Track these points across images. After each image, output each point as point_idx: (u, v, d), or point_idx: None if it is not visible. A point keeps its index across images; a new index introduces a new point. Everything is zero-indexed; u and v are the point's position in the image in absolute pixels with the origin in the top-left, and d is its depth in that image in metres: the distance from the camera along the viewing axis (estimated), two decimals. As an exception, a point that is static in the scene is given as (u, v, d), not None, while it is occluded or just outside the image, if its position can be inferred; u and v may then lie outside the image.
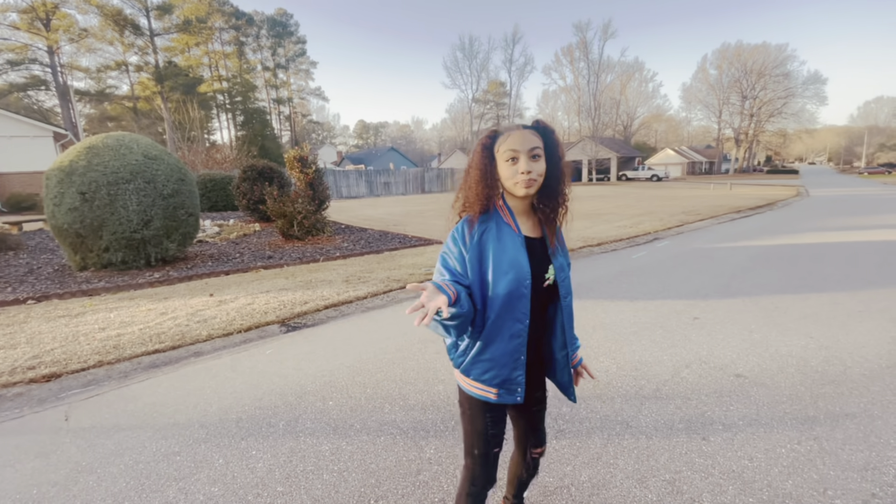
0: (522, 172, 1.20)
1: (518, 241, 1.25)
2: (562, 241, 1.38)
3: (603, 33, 51.58)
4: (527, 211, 1.34)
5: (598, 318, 4.18)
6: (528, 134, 1.23)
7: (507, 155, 1.22)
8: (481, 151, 1.27)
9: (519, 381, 1.29)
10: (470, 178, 1.30)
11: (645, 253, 7.58)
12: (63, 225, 6.17)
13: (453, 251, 1.29)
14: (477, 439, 1.38)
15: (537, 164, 1.22)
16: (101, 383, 3.32)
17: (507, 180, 1.25)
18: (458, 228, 1.30)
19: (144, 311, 4.76)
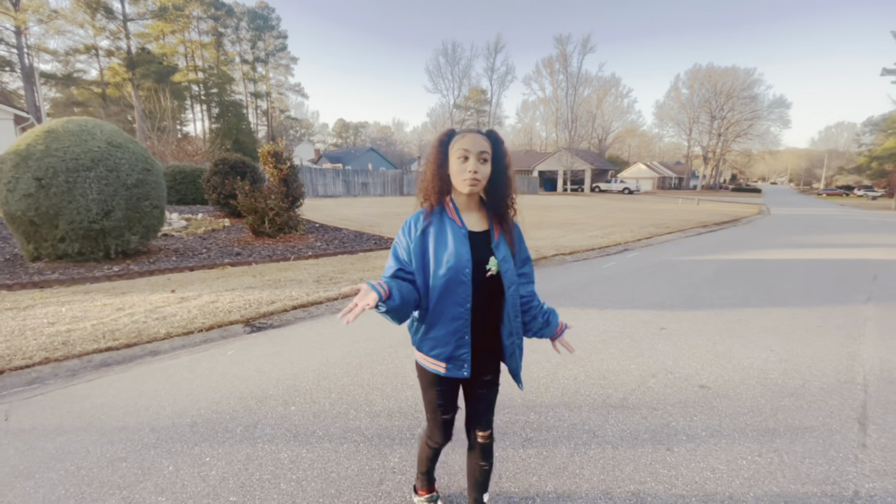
0: (469, 171, 1.35)
1: (461, 233, 1.40)
2: (516, 236, 1.53)
3: (582, 47, 52.84)
4: (472, 208, 1.47)
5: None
6: (479, 138, 1.38)
7: (459, 153, 1.36)
8: (438, 147, 1.42)
9: (464, 357, 1.44)
10: (427, 172, 1.45)
11: (615, 263, 7.72)
12: (16, 212, 5.80)
13: (402, 242, 1.45)
14: (429, 407, 1.58)
15: (483, 167, 1.37)
16: (47, 381, 3.11)
17: (456, 176, 1.39)
18: (408, 222, 1.45)
19: (99, 307, 4.51)
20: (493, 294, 1.45)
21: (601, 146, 65.30)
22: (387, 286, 1.32)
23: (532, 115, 75.64)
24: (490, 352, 1.53)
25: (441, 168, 1.41)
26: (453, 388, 1.54)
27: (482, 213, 1.49)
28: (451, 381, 1.51)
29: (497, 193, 1.44)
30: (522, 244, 1.56)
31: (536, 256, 7.90)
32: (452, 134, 1.43)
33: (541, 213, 17.61)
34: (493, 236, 1.45)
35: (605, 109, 65.42)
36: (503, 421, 2.53)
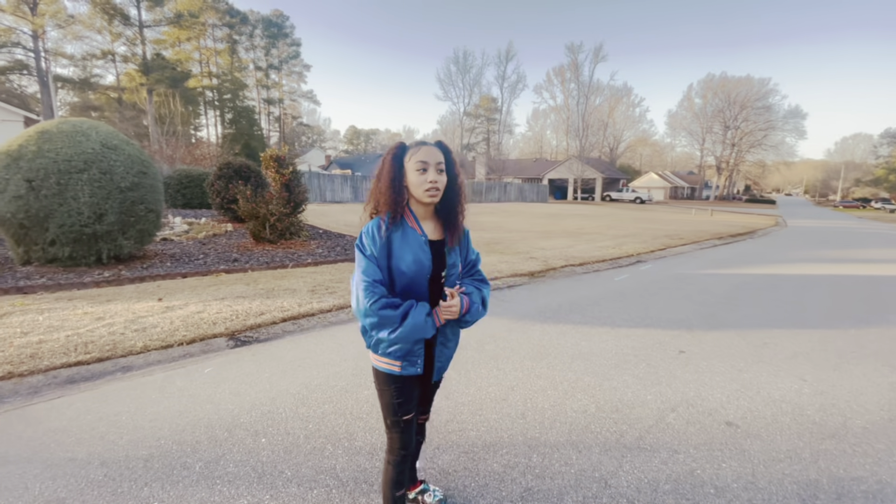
0: (430, 181, 1.41)
1: (421, 240, 1.45)
2: (464, 242, 1.62)
3: (594, 56, 52.49)
4: (430, 217, 1.53)
5: (577, 347, 3.86)
6: (435, 150, 1.45)
7: (418, 165, 1.41)
8: (391, 161, 1.45)
9: (418, 353, 1.50)
10: (381, 184, 1.45)
11: (628, 276, 7.34)
12: (6, 214, 5.62)
13: (366, 246, 1.45)
14: (387, 409, 1.56)
15: (441, 177, 1.44)
16: (5, 399, 2.85)
17: (416, 188, 1.43)
18: (370, 229, 1.45)
19: (79, 315, 4.27)
20: (438, 292, 1.52)
21: (612, 155, 64.69)
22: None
23: (542, 124, 75.37)
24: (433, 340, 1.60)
25: (396, 180, 1.44)
26: (410, 385, 1.54)
27: (437, 222, 1.54)
28: (407, 378, 1.52)
29: (450, 202, 1.50)
30: (470, 246, 1.67)
31: (544, 267, 7.56)
32: (405, 147, 1.47)
33: (550, 222, 17.23)
34: (447, 243, 1.52)
35: (616, 118, 64.88)
36: (500, 464, 2.20)
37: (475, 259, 1.67)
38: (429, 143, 1.47)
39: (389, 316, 1.38)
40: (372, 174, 1.50)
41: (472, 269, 1.67)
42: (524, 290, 6.13)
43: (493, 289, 6.09)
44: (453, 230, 1.51)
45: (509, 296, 5.74)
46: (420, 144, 1.45)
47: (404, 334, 1.39)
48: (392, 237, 1.43)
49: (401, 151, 1.45)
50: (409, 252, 1.42)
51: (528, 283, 6.56)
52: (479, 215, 19.46)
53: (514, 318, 4.71)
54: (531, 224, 16.22)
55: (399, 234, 1.44)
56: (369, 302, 1.37)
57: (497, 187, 36.09)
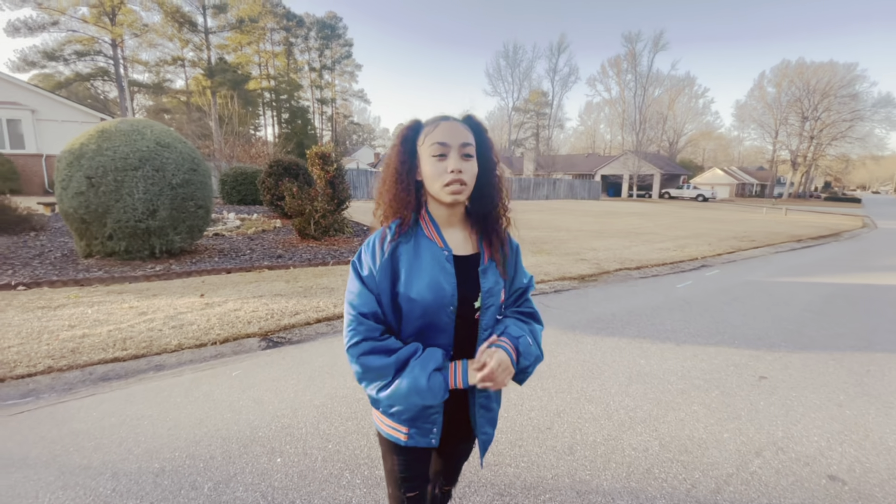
0: (452, 171, 0.99)
1: (441, 258, 1.04)
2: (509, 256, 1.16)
3: (653, 45, 49.73)
4: (455, 222, 1.11)
5: (635, 366, 3.40)
6: (458, 127, 1.03)
7: (434, 149, 1.01)
8: (400, 145, 1.07)
9: (433, 420, 1.06)
10: (387, 180, 1.08)
11: (692, 282, 6.64)
12: (69, 209, 5.92)
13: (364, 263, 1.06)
14: (389, 478, 1.22)
15: (469, 165, 1.02)
16: (41, 395, 2.85)
17: (433, 181, 1.02)
18: (371, 241, 1.07)
19: (124, 310, 4.34)
20: (471, 336, 1.09)
21: (672, 150, 61.03)
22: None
23: (596, 118, 72.58)
24: (461, 405, 1.16)
25: (407, 173, 1.05)
26: (420, 457, 1.17)
27: (467, 229, 1.13)
28: (417, 449, 1.14)
29: (484, 199, 1.10)
30: (520, 267, 1.21)
31: (597, 271, 7.01)
32: (419, 126, 1.07)
33: (603, 220, 16.34)
34: (482, 259, 1.10)
35: (677, 111, 61.13)
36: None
37: (526, 285, 1.23)
38: (452, 116, 1.05)
39: (376, 367, 0.99)
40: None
41: (519, 298, 1.22)
42: (573, 295, 5.66)
43: (539, 293, 5.67)
44: (492, 241, 1.10)
45: (556, 302, 5.30)
46: (439, 120, 1.03)
47: (398, 397, 0.99)
48: (399, 251, 1.03)
49: (412, 132, 1.06)
50: (424, 273, 1.01)
51: (577, 287, 6.07)
52: (525, 212, 18.85)
53: (562, 328, 4.29)
54: (582, 222, 15.44)
55: (409, 248, 1.03)
56: (349, 342, 1.01)
57: (546, 183, 35.04)
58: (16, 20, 29.13)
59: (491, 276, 1.08)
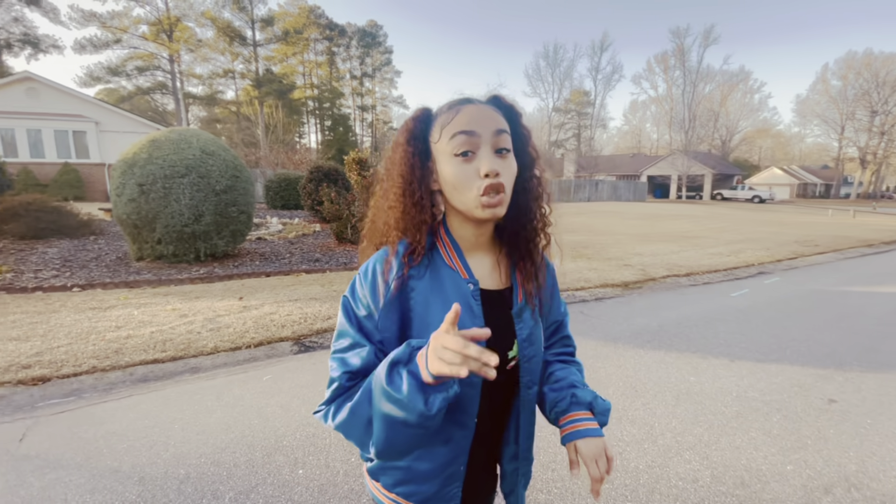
0: (487, 174, 0.71)
1: (466, 294, 0.77)
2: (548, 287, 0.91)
3: (703, 39, 47.41)
4: (483, 244, 0.83)
5: (683, 382, 3.12)
6: (487, 110, 0.75)
7: (457, 144, 0.72)
8: (407, 143, 0.78)
9: (452, 495, 0.81)
10: (388, 191, 0.80)
11: (748, 290, 6.14)
12: (122, 215, 6.26)
13: (363, 303, 0.76)
14: None
15: (507, 164, 0.74)
16: (83, 395, 2.96)
17: (460, 190, 0.74)
18: (368, 271, 0.77)
19: (167, 312, 4.50)
20: (507, 394, 0.85)
21: (724, 148, 57.82)
22: None
23: (641, 116, 70.03)
24: (489, 478, 0.92)
25: (419, 181, 0.77)
26: None
27: (495, 252, 0.85)
28: None
29: (520, 211, 0.81)
30: (556, 298, 0.96)
31: (642, 277, 6.63)
32: (429, 116, 0.79)
33: (649, 223, 15.62)
34: (516, 296, 0.82)
35: (730, 107, 57.89)
36: (575, 549, 1.67)
37: (563, 315, 1.00)
38: (476, 99, 0.78)
39: (346, 421, 0.71)
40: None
41: (556, 332, 0.99)
42: (616, 304, 5.35)
43: (578, 301, 5.41)
44: (526, 268, 0.84)
45: (597, 310, 5.03)
46: (458, 103, 0.76)
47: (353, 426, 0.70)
48: (410, 286, 0.75)
49: (422, 125, 0.78)
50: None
51: (620, 295, 5.75)
52: (564, 216, 18.16)
53: (603, 339, 4.04)
54: (626, 225, 14.82)
55: (425, 281, 0.76)
56: (335, 419, 0.72)
57: (587, 185, 34.10)
58: (82, 38, 31.85)
59: (528, 319, 0.82)
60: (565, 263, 7.50)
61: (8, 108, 15.65)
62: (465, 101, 0.76)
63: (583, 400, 0.85)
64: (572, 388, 0.88)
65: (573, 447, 0.81)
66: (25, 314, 4.28)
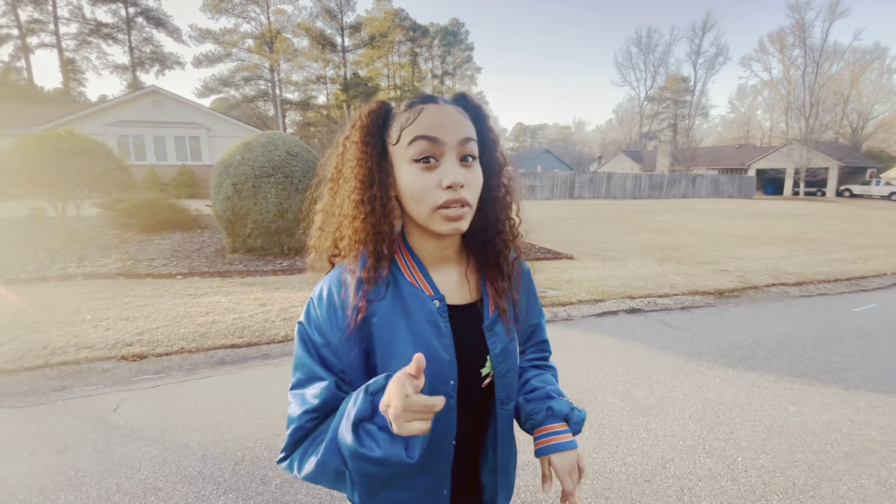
0: (450, 185, 0.63)
1: (432, 312, 0.69)
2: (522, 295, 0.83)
3: (829, 13, 41.05)
4: (448, 255, 0.75)
5: (780, 412, 2.66)
6: (452, 112, 0.66)
7: (417, 149, 0.64)
8: (363, 141, 0.68)
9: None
10: (344, 193, 0.71)
11: (875, 305, 5.14)
12: (219, 212, 6.94)
13: (319, 334, 0.68)
14: None
15: (472, 174, 0.67)
16: (171, 373, 3.29)
17: (419, 201, 0.66)
18: (323, 292, 0.69)
19: (249, 300, 4.88)
20: (484, 411, 0.79)
21: (855, 137, 49.61)
22: None
23: (751, 103, 62.64)
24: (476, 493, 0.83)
25: (379, 184, 0.68)
26: None
27: (463, 263, 0.78)
28: None
29: (487, 222, 0.75)
30: (532, 302, 0.88)
31: (741, 285, 5.87)
32: (388, 110, 0.70)
33: (755, 223, 13.87)
34: (487, 309, 0.75)
35: (862, 89, 49.53)
36: None
37: (540, 318, 0.92)
38: (438, 98, 0.69)
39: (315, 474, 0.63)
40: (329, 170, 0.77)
41: (531, 338, 0.92)
42: (705, 314, 4.78)
43: (660, 309, 4.92)
44: (500, 283, 0.77)
45: (681, 321, 4.52)
46: (419, 102, 0.67)
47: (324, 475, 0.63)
48: (371, 311, 0.67)
49: (380, 119, 0.69)
50: (410, 337, 0.67)
51: (712, 304, 5.13)
52: (652, 213, 16.95)
53: (684, 354, 3.60)
54: (727, 225, 13.29)
55: (387, 302, 0.68)
56: (299, 467, 0.65)
57: (683, 180, 31.27)
58: (200, 54, 36.30)
59: (501, 333, 0.75)
60: (649, 267, 6.90)
61: (139, 118, 18.29)
62: (427, 99, 0.68)
63: (559, 412, 0.81)
64: (548, 399, 0.83)
65: (547, 461, 0.79)
66: (136, 297, 4.90)
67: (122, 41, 37.45)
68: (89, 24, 35.48)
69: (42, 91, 38.69)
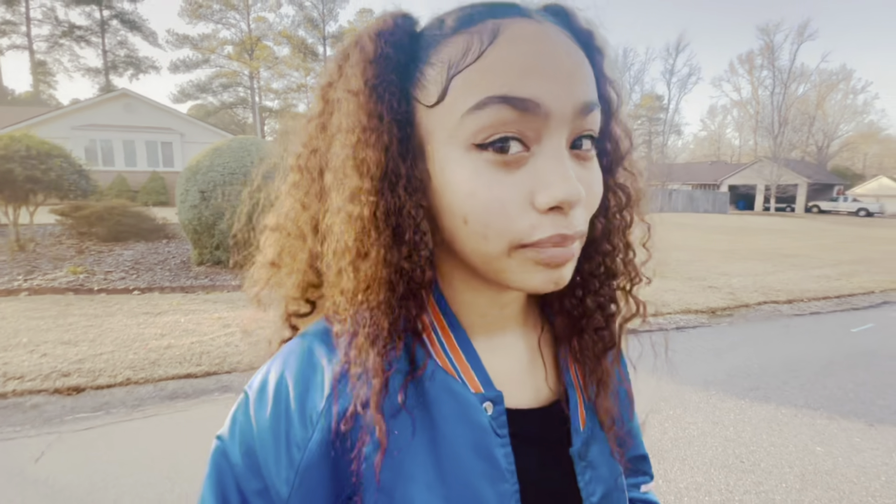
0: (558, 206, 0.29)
1: (483, 429, 0.34)
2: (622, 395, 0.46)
3: (797, 36, 42.89)
4: (514, 320, 0.40)
5: (808, 454, 2.38)
6: (562, 41, 0.30)
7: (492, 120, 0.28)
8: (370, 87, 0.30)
9: None
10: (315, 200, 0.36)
11: (872, 325, 5.01)
12: (185, 221, 6.44)
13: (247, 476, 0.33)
14: None
15: (591, 174, 0.32)
16: (111, 410, 2.83)
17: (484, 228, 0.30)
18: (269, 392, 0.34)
19: (212, 321, 4.41)
20: None
21: (821, 155, 51.77)
22: None
23: (722, 121, 64.92)
24: None
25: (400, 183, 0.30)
26: None
27: (530, 333, 0.40)
28: None
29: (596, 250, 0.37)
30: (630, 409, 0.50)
31: (732, 303, 5.68)
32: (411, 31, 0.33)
33: (733, 238, 13.99)
34: (576, 419, 0.37)
35: (828, 110, 51.87)
36: None
37: (637, 430, 0.56)
38: (522, 6, 0.32)
39: None
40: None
41: (633, 477, 0.55)
42: (702, 335, 4.54)
43: (655, 329, 4.66)
44: (604, 365, 0.42)
45: (679, 342, 4.27)
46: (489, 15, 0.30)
47: None
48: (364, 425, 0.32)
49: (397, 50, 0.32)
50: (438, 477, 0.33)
51: (706, 324, 4.90)
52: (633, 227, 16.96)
53: (690, 383, 3.32)
54: (707, 240, 13.33)
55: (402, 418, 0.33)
56: None
57: (660, 194, 31.81)
58: (177, 59, 35.40)
59: (601, 462, 0.40)
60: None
61: (108, 122, 17.42)
62: (509, 7, 0.32)
63: None
64: None
65: None
66: (84, 317, 4.37)
67: (95, 44, 36.22)
68: (62, 25, 34.24)
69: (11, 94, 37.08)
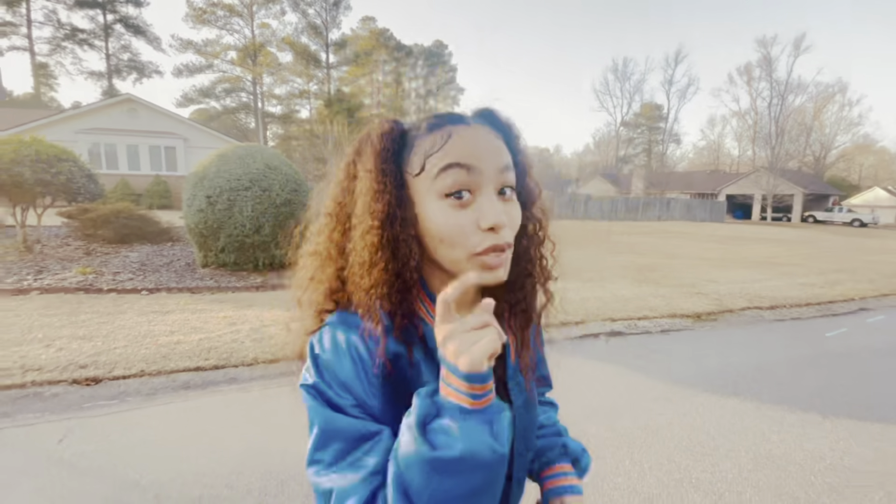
0: (492, 227, 0.51)
1: None
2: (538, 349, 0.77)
3: (794, 49, 43.50)
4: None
5: (764, 443, 2.61)
6: (489, 135, 0.55)
7: (450, 182, 0.52)
8: (378, 168, 0.55)
9: None
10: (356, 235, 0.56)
11: (847, 329, 5.26)
12: (191, 224, 6.68)
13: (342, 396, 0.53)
14: None
15: (512, 210, 0.56)
16: (126, 398, 3.06)
17: (448, 244, 0.53)
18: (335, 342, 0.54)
19: (218, 319, 4.65)
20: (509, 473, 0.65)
21: (818, 166, 52.24)
22: None
23: (720, 131, 65.50)
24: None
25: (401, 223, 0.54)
26: None
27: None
28: None
29: (519, 258, 0.61)
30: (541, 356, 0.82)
31: (717, 308, 5.93)
32: (402, 133, 0.57)
33: (727, 247, 14.26)
34: (507, 357, 0.63)
35: (824, 121, 52.41)
36: None
37: (544, 362, 0.86)
38: (466, 117, 0.57)
39: None
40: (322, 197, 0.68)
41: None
42: (685, 338, 4.79)
43: (641, 332, 4.90)
44: (524, 325, 0.66)
45: (663, 345, 4.51)
46: (446, 123, 0.55)
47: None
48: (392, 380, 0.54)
49: (393, 143, 0.56)
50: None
51: (691, 328, 5.15)
52: (630, 235, 17.28)
53: (668, 380, 3.56)
54: (701, 248, 13.61)
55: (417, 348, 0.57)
56: None
57: (657, 203, 32.14)
58: (180, 64, 35.81)
59: (522, 385, 0.65)
60: (628, 289, 6.93)
61: (112, 126, 17.74)
62: (454, 118, 0.55)
63: (572, 452, 0.76)
64: (559, 436, 0.78)
65: (559, 503, 0.70)
66: (96, 314, 4.61)
67: (98, 48, 36.67)
68: (64, 28, 34.67)
69: (11, 95, 37.40)
